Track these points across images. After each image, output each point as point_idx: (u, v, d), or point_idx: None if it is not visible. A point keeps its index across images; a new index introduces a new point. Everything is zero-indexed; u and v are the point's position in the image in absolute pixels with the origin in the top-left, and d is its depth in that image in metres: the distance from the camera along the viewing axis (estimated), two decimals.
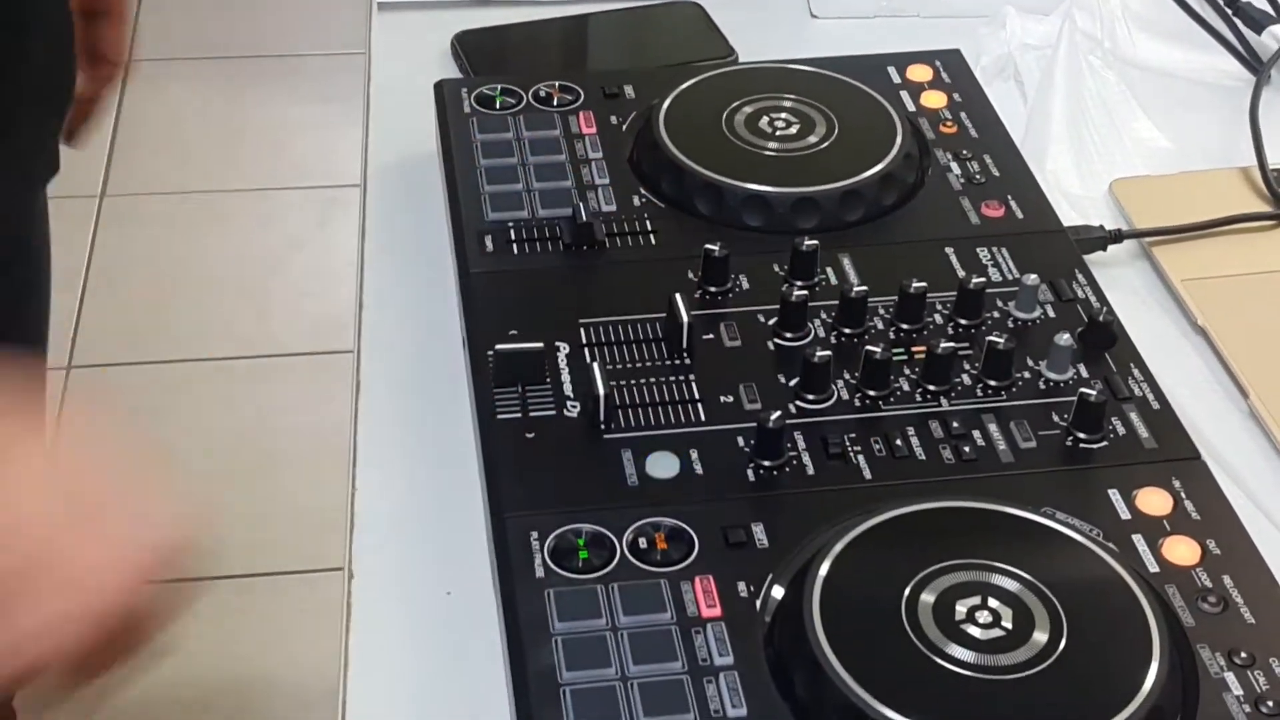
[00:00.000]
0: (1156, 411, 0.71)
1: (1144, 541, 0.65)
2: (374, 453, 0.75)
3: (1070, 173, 0.90)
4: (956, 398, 0.72)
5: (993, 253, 0.80)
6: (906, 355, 0.73)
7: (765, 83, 0.88)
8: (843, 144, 0.84)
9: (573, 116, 0.87)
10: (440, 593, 0.68)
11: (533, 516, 0.66)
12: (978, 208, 0.82)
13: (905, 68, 0.92)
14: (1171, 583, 0.64)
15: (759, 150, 0.84)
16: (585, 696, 0.59)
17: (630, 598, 0.62)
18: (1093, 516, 0.66)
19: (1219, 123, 0.94)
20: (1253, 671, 0.60)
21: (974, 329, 0.75)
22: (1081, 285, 0.78)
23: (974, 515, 0.66)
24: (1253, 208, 0.87)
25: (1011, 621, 0.61)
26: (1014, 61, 0.97)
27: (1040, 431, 0.70)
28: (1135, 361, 0.74)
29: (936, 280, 0.76)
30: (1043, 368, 0.73)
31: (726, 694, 0.59)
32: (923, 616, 0.61)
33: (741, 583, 0.63)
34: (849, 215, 0.81)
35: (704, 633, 0.61)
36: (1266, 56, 0.97)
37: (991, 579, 0.62)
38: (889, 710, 0.57)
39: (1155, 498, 0.67)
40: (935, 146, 0.86)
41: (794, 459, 0.68)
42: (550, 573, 0.63)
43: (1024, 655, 0.60)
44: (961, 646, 0.60)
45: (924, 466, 0.69)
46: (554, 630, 0.61)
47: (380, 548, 0.70)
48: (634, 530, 0.65)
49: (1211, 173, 0.90)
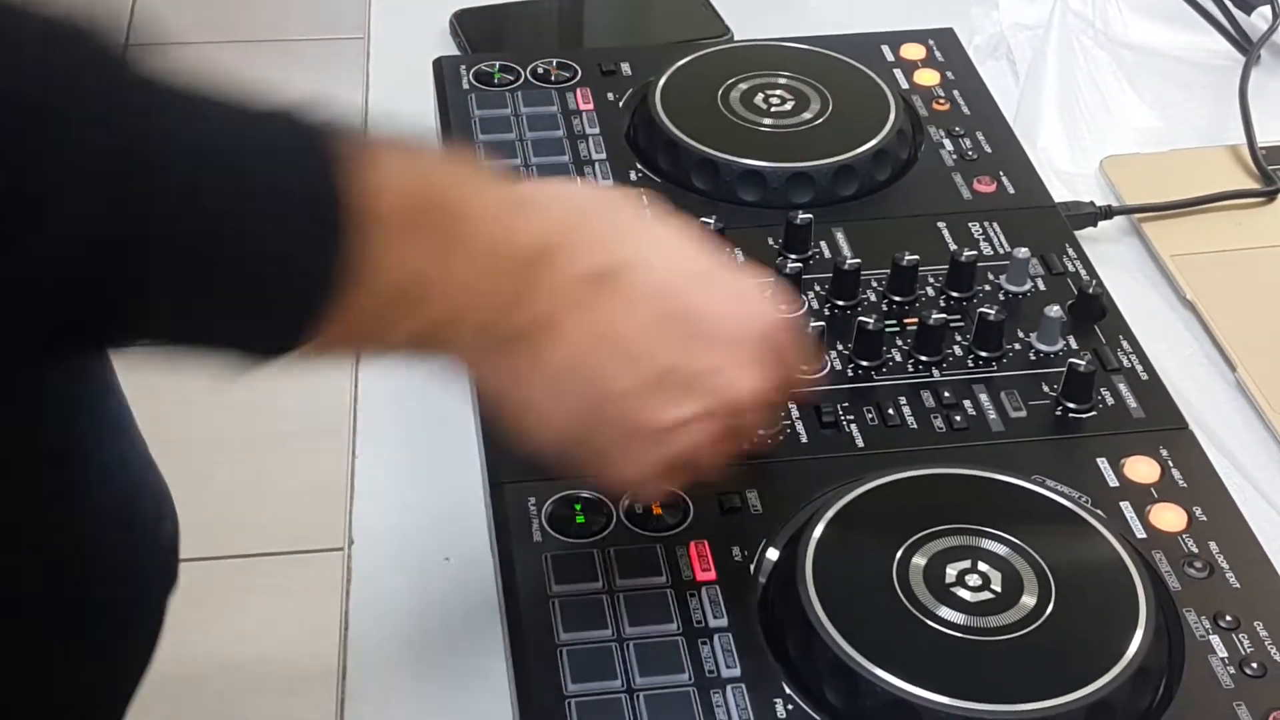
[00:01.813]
0: (1145, 382, 0.72)
1: (1132, 508, 0.66)
2: (374, 422, 0.76)
3: (1061, 150, 0.91)
4: (948, 368, 0.73)
5: (984, 227, 0.81)
6: (899, 326, 0.74)
7: (760, 60, 0.89)
8: (837, 120, 0.85)
9: (570, 93, 0.88)
10: (439, 559, 0.69)
11: (530, 483, 0.67)
12: (970, 183, 0.83)
13: (899, 46, 0.93)
14: (1158, 548, 0.65)
15: (754, 126, 0.85)
16: (582, 658, 0.60)
17: (626, 561, 0.63)
18: (1082, 484, 0.67)
19: (1208, 101, 0.95)
20: (1237, 634, 0.61)
21: (965, 301, 0.76)
22: (1072, 259, 0.79)
23: (965, 482, 0.67)
24: (1241, 185, 0.88)
25: (1001, 585, 0.62)
26: (1006, 41, 0.98)
27: (1030, 401, 0.71)
28: (1124, 334, 0.75)
29: (929, 254, 0.77)
30: (1033, 339, 0.74)
31: (721, 655, 0.60)
32: (914, 580, 0.62)
33: (736, 547, 0.64)
34: (843, 190, 0.82)
35: (699, 596, 0.62)
36: (1256, 37, 0.98)
37: (981, 544, 0.63)
38: (880, 670, 0.58)
39: (1143, 466, 0.68)
40: (928, 123, 0.87)
41: (788, 427, 0.69)
42: (548, 537, 0.64)
43: (1013, 618, 0.61)
44: (952, 609, 0.61)
45: (916, 435, 0.70)
46: (551, 593, 0.62)
47: (380, 514, 0.71)
48: (630, 496, 0.66)
49: (1201, 150, 0.91)
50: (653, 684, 0.59)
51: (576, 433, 0.57)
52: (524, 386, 0.56)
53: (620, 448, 0.58)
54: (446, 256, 0.53)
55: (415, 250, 0.52)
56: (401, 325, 0.53)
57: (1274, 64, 0.99)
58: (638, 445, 0.58)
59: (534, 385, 0.56)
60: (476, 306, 0.54)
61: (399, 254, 0.51)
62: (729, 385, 0.57)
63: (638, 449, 0.58)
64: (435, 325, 0.54)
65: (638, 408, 0.57)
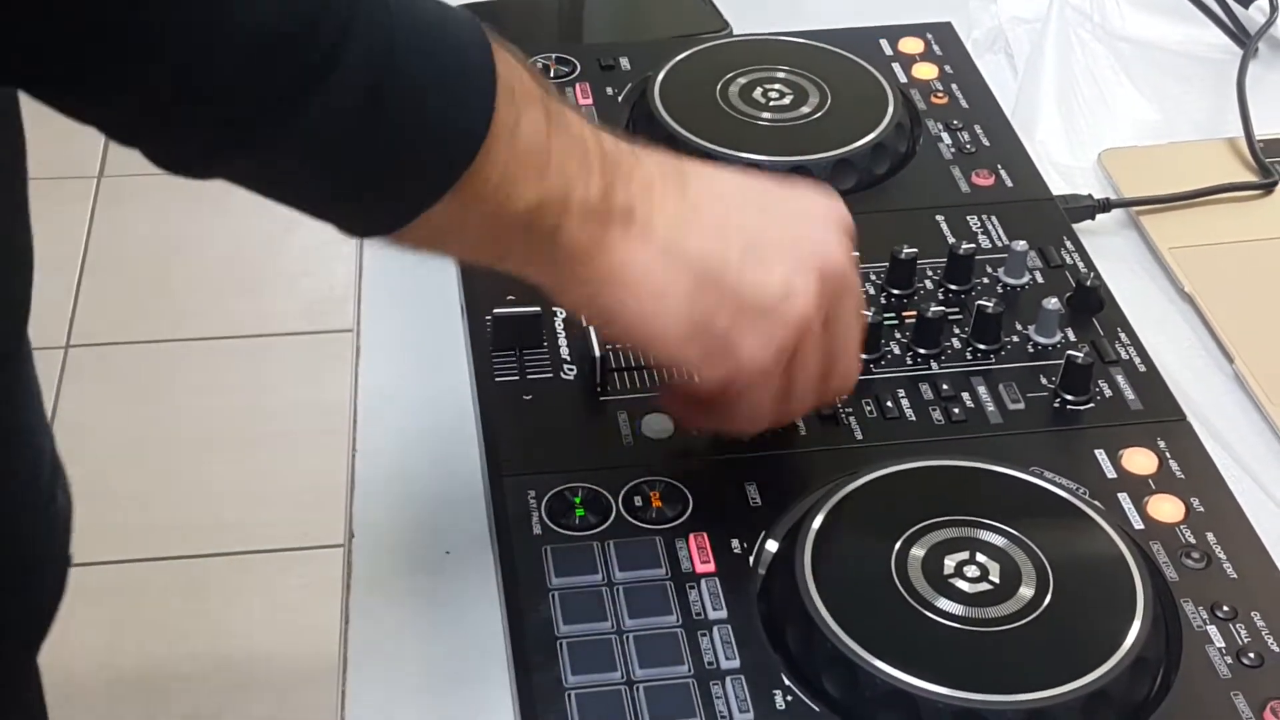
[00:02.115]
0: (1143, 374, 0.73)
1: (1129, 499, 0.67)
2: (374, 416, 0.76)
3: (1060, 143, 0.91)
4: (946, 360, 0.73)
5: (983, 220, 0.81)
6: (897, 319, 0.75)
7: (759, 55, 0.90)
8: (835, 114, 0.85)
9: (569, 88, 0.88)
10: (439, 552, 0.69)
11: (530, 476, 0.67)
12: (968, 177, 0.84)
13: (897, 40, 0.93)
14: (1156, 539, 0.65)
15: (753, 120, 0.85)
16: (582, 650, 0.60)
17: (626, 553, 0.64)
18: (1079, 475, 0.67)
19: (1206, 94, 0.95)
20: (1234, 624, 0.62)
21: (964, 294, 0.76)
22: (1070, 252, 0.79)
23: (963, 474, 0.67)
24: (1239, 177, 0.88)
25: (999, 576, 0.62)
26: (1004, 35, 0.98)
27: (1028, 393, 0.71)
28: (1122, 326, 0.75)
29: (927, 247, 0.78)
30: (1031, 331, 0.74)
31: (720, 646, 0.60)
32: (912, 571, 0.62)
33: (735, 540, 0.64)
34: (841, 184, 0.82)
35: (698, 587, 0.63)
36: (1253, 30, 0.99)
37: (979, 535, 0.64)
38: (879, 661, 0.58)
39: (1141, 457, 0.69)
40: (926, 117, 0.88)
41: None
42: (547, 530, 0.65)
43: (1011, 608, 0.61)
44: (950, 600, 0.61)
45: (914, 427, 0.70)
46: (551, 585, 0.63)
47: (380, 509, 0.71)
48: (629, 489, 0.66)
49: (1199, 143, 0.91)
50: (652, 676, 0.59)
51: (693, 318, 0.60)
52: (634, 268, 0.59)
53: (742, 329, 0.60)
54: (556, 132, 0.58)
55: (535, 123, 0.57)
56: (524, 191, 0.57)
57: (1272, 57, 0.99)
58: (758, 321, 0.60)
59: (644, 265, 0.59)
60: (577, 183, 0.58)
61: (524, 123, 0.56)
62: (821, 248, 0.62)
63: (759, 326, 0.60)
64: (550, 197, 0.58)
65: (747, 275, 0.60)
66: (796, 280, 0.60)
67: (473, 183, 0.55)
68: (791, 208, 0.63)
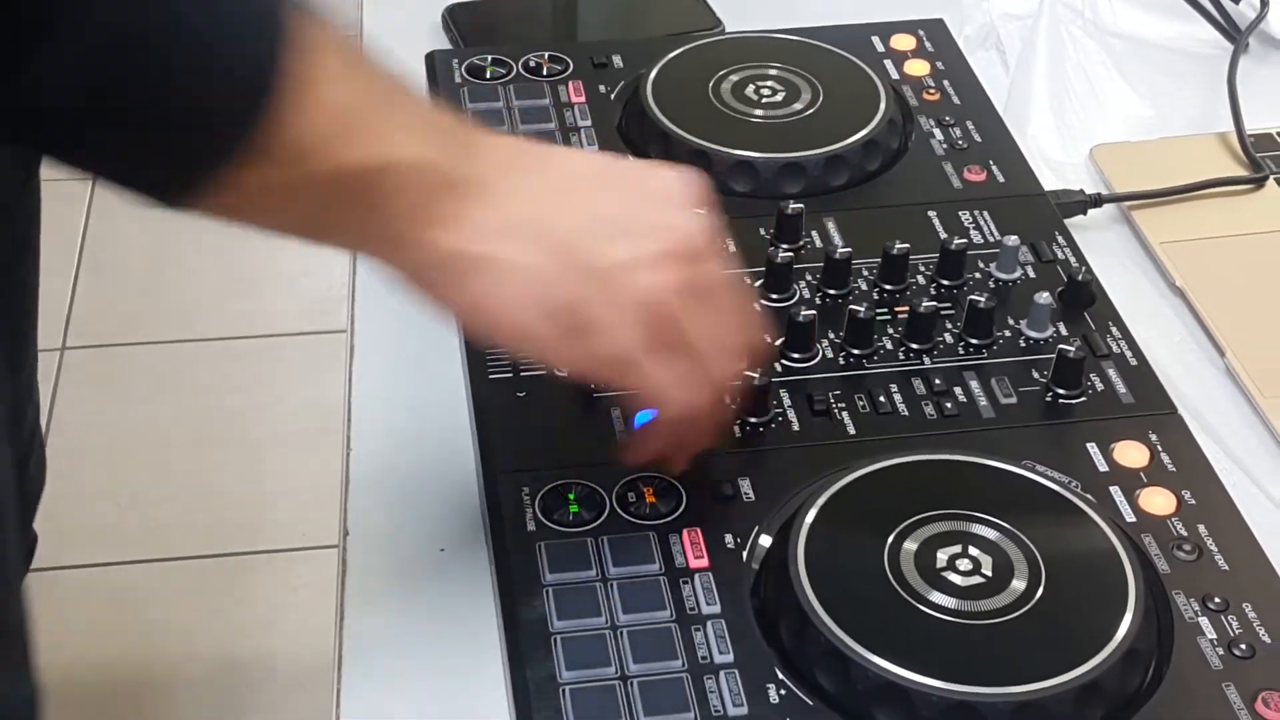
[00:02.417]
0: (1134, 368, 0.73)
1: (1121, 492, 0.67)
2: (368, 414, 0.76)
3: (1051, 139, 0.91)
4: (939, 355, 0.73)
5: (974, 216, 0.81)
6: (890, 315, 0.75)
7: (751, 52, 0.90)
8: (827, 111, 0.86)
9: (562, 86, 0.88)
10: (434, 549, 0.69)
11: (524, 473, 0.67)
12: (960, 172, 0.84)
13: (889, 37, 0.93)
14: (1148, 532, 0.65)
15: (745, 117, 0.85)
16: (576, 646, 0.60)
17: (619, 549, 0.64)
18: (1071, 469, 0.68)
19: (1197, 90, 0.95)
20: (1226, 616, 0.62)
21: (956, 289, 0.76)
22: (1061, 247, 0.79)
23: (955, 468, 0.67)
24: (1230, 172, 0.88)
25: (991, 569, 0.62)
26: (996, 31, 0.99)
27: (1020, 387, 0.72)
28: (1114, 320, 0.75)
29: (919, 242, 0.78)
30: (1023, 326, 0.75)
31: (714, 641, 0.61)
32: (905, 565, 0.62)
33: (728, 535, 0.65)
34: (834, 180, 0.82)
35: (692, 583, 0.63)
36: (1244, 25, 0.99)
37: (972, 528, 0.64)
38: (872, 655, 0.59)
39: (1132, 450, 0.69)
40: (918, 113, 0.88)
41: (779, 416, 0.70)
42: (541, 526, 0.65)
43: (1004, 601, 0.61)
44: (943, 593, 0.61)
45: (907, 422, 0.70)
46: (545, 581, 0.63)
47: (375, 506, 0.72)
48: (623, 485, 0.66)
49: (1190, 139, 0.91)
50: (646, 671, 0.60)
51: (546, 296, 0.58)
52: (477, 247, 0.57)
53: (594, 301, 0.58)
54: (382, 97, 0.56)
55: (352, 81, 0.55)
56: (342, 156, 0.54)
57: (1262, 52, 0.99)
58: (608, 292, 0.58)
59: (487, 243, 0.57)
60: (412, 148, 0.56)
61: (337, 78, 0.54)
62: (671, 221, 0.60)
63: (610, 297, 0.58)
64: (375, 163, 0.55)
65: (594, 247, 0.58)
66: (647, 254, 0.59)
67: (275, 143, 0.53)
68: (645, 189, 0.62)
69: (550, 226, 0.58)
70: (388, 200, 0.56)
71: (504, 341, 0.61)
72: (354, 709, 0.63)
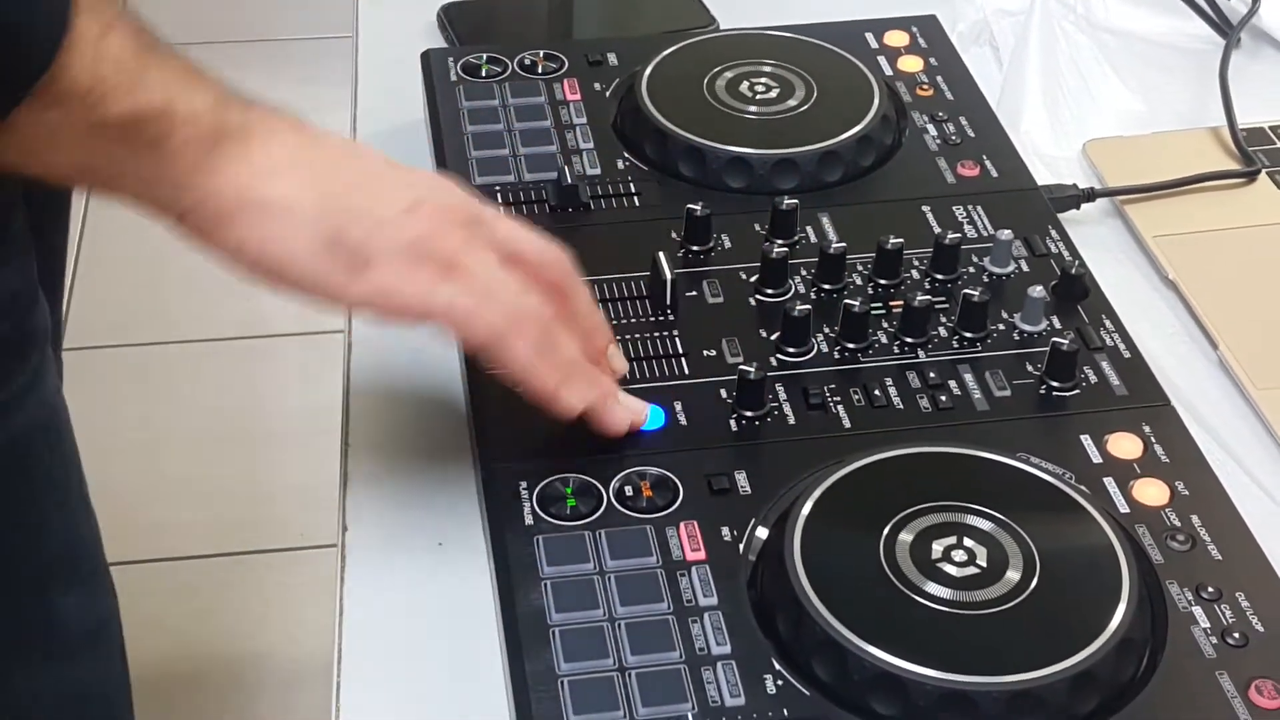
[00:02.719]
0: (1127, 360, 0.73)
1: (1115, 484, 0.67)
2: (366, 409, 0.76)
3: (1044, 134, 0.92)
4: (933, 349, 0.74)
5: (968, 210, 0.82)
6: (884, 309, 0.75)
7: (745, 49, 0.90)
8: (821, 107, 0.86)
9: (557, 83, 0.89)
10: (432, 544, 0.70)
11: (521, 467, 0.67)
12: (954, 168, 0.84)
13: (882, 33, 0.94)
14: (1141, 522, 0.66)
15: (740, 114, 0.85)
16: (574, 638, 0.61)
17: (617, 542, 0.64)
18: (1065, 460, 0.68)
19: (1189, 85, 0.96)
20: (1219, 605, 0.62)
21: (950, 283, 0.77)
22: (1055, 241, 0.80)
23: (950, 460, 0.68)
24: (1222, 166, 0.89)
25: (986, 560, 0.63)
26: (989, 27, 0.99)
27: (1014, 380, 0.72)
28: (1107, 313, 0.76)
29: (913, 237, 0.78)
30: (1017, 319, 0.75)
31: (711, 633, 0.61)
32: (900, 556, 0.63)
33: (725, 527, 0.65)
34: (828, 176, 0.83)
35: (689, 575, 0.63)
36: (1235, 20, 0.99)
37: (967, 520, 0.64)
38: (868, 645, 0.59)
39: (1126, 442, 0.69)
40: (912, 109, 0.88)
41: (775, 409, 0.70)
42: (539, 520, 0.65)
43: (999, 592, 0.62)
44: (938, 584, 0.62)
45: (902, 415, 0.71)
46: (543, 574, 0.63)
47: (373, 501, 0.72)
48: (620, 479, 0.67)
49: (1182, 133, 0.92)
50: (644, 662, 0.60)
51: (323, 231, 0.61)
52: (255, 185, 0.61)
53: (372, 237, 0.61)
54: (153, 52, 0.59)
55: (126, 38, 0.58)
56: (117, 101, 0.58)
57: (1254, 47, 1.00)
58: (386, 230, 0.62)
59: (265, 180, 0.61)
60: (185, 97, 0.60)
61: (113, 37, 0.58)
62: (437, 192, 0.65)
63: (388, 234, 0.62)
64: (149, 108, 0.59)
65: (369, 193, 0.63)
66: (417, 197, 0.63)
67: (56, 90, 0.56)
68: (405, 170, 0.66)
69: (320, 173, 0.62)
70: (165, 143, 0.59)
71: (286, 280, 0.63)
72: (354, 700, 0.64)
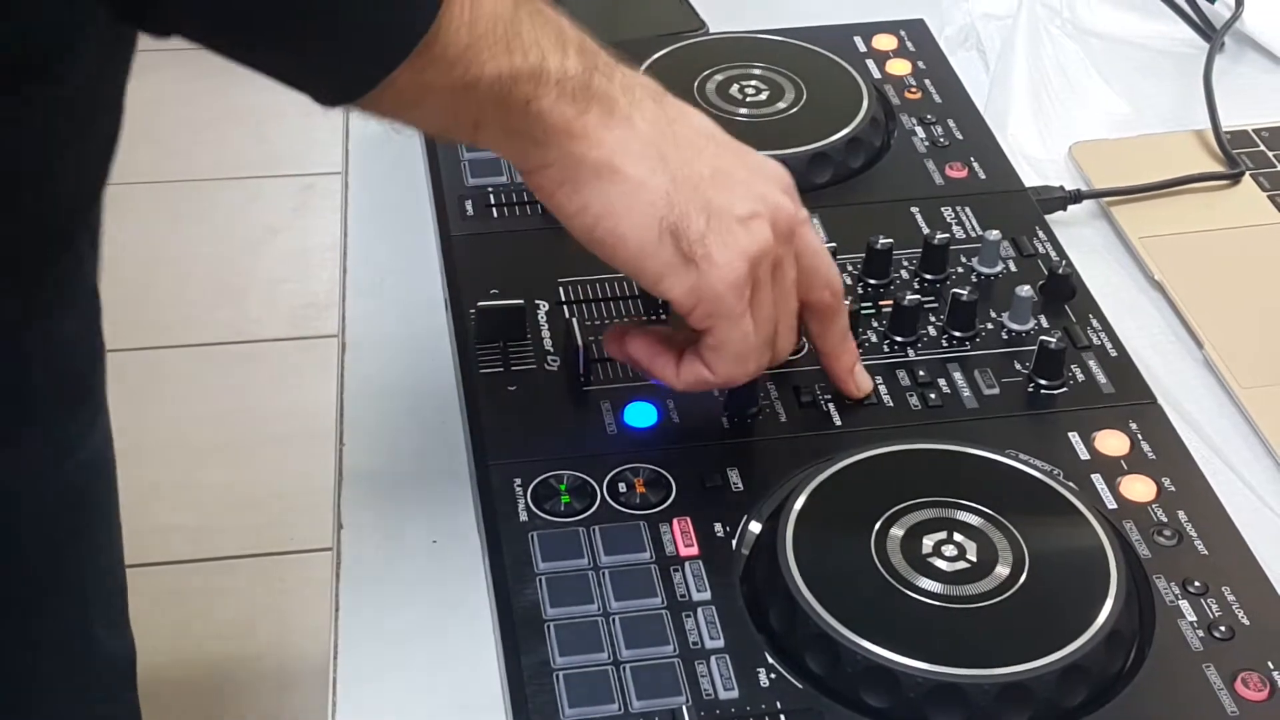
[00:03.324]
0: (1114, 359, 0.74)
1: (1103, 480, 0.68)
2: (361, 409, 0.77)
3: (1031, 136, 0.93)
4: (922, 348, 0.74)
5: (956, 211, 0.82)
6: (874, 308, 0.76)
7: (735, 52, 0.91)
8: (811, 110, 0.87)
9: None
10: (427, 541, 0.70)
11: (516, 465, 0.68)
12: (942, 169, 0.85)
13: (871, 37, 0.95)
14: (1129, 518, 0.67)
15: (730, 116, 0.86)
16: (569, 633, 0.61)
17: (611, 538, 0.65)
18: (1054, 457, 0.69)
19: (1174, 88, 0.97)
20: (1206, 599, 0.63)
21: (939, 283, 0.78)
22: (1042, 241, 0.81)
23: (940, 457, 0.68)
24: (1206, 168, 0.90)
25: (976, 555, 0.63)
26: (976, 31, 1.00)
27: (1003, 379, 0.73)
28: (1094, 313, 0.77)
29: (902, 238, 0.79)
30: (1005, 319, 0.76)
31: (704, 627, 0.62)
32: (891, 551, 0.63)
33: (718, 523, 0.66)
34: (818, 177, 0.84)
35: (682, 570, 0.64)
36: (1219, 24, 1.00)
37: (957, 515, 0.65)
38: (860, 639, 0.60)
39: (1113, 439, 0.70)
40: (900, 112, 0.89)
41: (767, 407, 0.71)
42: (533, 516, 0.66)
43: (988, 586, 0.62)
44: (929, 579, 0.62)
45: (892, 413, 0.71)
46: (538, 570, 0.64)
47: (368, 499, 0.72)
48: (614, 475, 0.67)
49: (1167, 136, 0.93)
50: (638, 656, 0.61)
51: (669, 216, 0.61)
52: (620, 155, 0.61)
53: (714, 235, 0.61)
54: (534, 14, 0.60)
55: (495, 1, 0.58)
56: (492, 61, 0.58)
57: (1237, 51, 1.01)
58: (729, 232, 0.62)
59: (628, 153, 0.61)
60: (556, 58, 0.60)
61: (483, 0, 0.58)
62: (774, 196, 0.64)
63: (729, 237, 0.62)
64: (522, 68, 0.59)
65: (722, 190, 0.62)
66: (754, 212, 0.63)
67: (433, 51, 0.56)
68: (751, 159, 0.66)
69: (674, 157, 0.62)
70: (529, 104, 0.59)
71: (617, 254, 0.63)
72: (350, 696, 0.64)
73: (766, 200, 0.64)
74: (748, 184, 0.64)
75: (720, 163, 0.64)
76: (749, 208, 0.63)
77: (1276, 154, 0.91)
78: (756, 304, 0.63)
